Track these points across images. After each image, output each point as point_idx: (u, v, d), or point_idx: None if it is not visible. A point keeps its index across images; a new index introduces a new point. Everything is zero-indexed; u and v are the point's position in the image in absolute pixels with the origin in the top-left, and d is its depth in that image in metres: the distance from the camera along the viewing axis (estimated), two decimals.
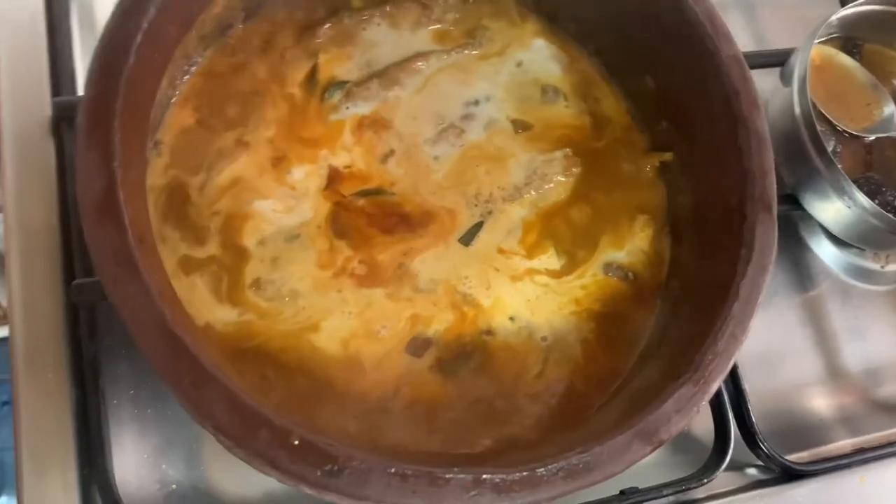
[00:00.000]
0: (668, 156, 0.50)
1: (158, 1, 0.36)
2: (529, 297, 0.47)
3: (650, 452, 0.36)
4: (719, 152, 0.43)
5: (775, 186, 0.42)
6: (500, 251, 0.48)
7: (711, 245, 0.44)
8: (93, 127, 0.33)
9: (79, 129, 0.34)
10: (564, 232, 0.49)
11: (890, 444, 0.61)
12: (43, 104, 0.52)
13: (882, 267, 0.67)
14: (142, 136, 0.39)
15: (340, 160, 0.48)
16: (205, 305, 0.43)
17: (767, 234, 0.40)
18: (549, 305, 0.47)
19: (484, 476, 0.33)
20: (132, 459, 0.48)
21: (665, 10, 0.44)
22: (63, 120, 0.51)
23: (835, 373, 0.64)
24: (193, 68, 0.46)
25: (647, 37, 0.47)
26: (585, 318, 0.47)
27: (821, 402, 0.63)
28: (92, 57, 0.35)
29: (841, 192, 0.56)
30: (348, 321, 0.45)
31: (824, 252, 0.66)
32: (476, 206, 0.49)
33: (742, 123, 0.42)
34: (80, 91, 0.53)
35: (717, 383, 0.38)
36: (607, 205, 0.50)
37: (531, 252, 0.48)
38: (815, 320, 0.65)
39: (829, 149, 0.60)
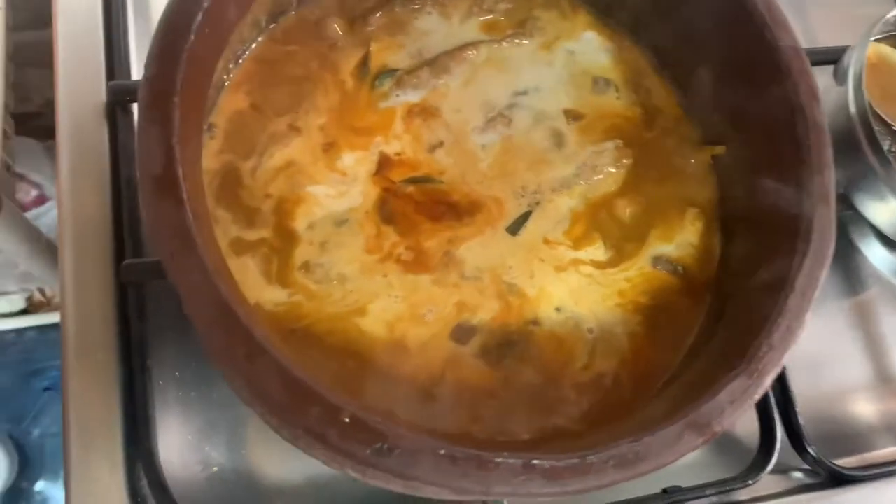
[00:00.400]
0: (720, 149, 0.49)
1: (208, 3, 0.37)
2: (575, 288, 0.46)
3: (702, 444, 0.35)
4: (776, 144, 0.42)
5: (834, 179, 0.41)
6: (547, 241, 0.47)
7: (766, 239, 0.43)
8: (154, 103, 0.34)
9: (140, 104, 0.34)
10: (613, 224, 0.48)
11: None
12: (98, 88, 0.53)
13: None
14: (199, 116, 0.39)
15: (391, 147, 0.48)
16: (256, 285, 0.43)
17: (825, 228, 0.39)
18: (595, 297, 0.46)
19: (534, 461, 0.33)
20: (176, 440, 0.48)
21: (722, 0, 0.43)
22: (118, 104, 0.52)
23: (884, 378, 0.62)
24: (247, 53, 0.47)
25: (703, 27, 0.46)
26: (633, 311, 0.46)
27: (869, 408, 0.61)
28: (154, 35, 0.36)
29: (893, 190, 0.55)
30: (394, 304, 0.45)
31: (875, 255, 0.65)
32: (524, 196, 0.48)
33: (801, 114, 0.41)
34: (135, 76, 0.53)
35: (772, 376, 0.37)
36: (657, 197, 0.49)
37: (578, 243, 0.48)
38: (865, 324, 0.63)
39: (885, 148, 0.59)
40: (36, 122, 1.10)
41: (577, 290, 0.46)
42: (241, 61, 0.46)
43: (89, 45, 0.53)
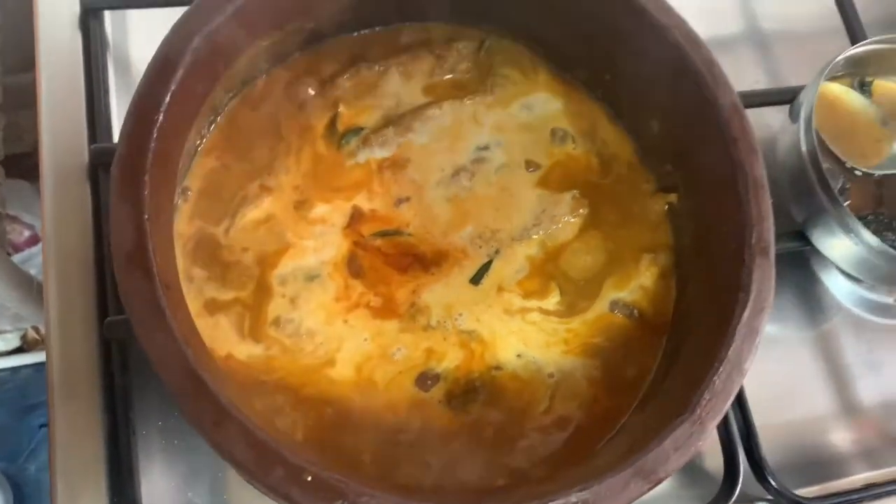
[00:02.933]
0: (672, 198, 0.51)
1: (186, 62, 0.39)
2: (535, 335, 0.49)
3: (648, 490, 0.37)
4: (719, 197, 0.45)
5: (773, 232, 0.43)
6: (508, 290, 0.50)
7: (713, 287, 0.45)
8: (124, 182, 0.36)
9: (112, 183, 0.37)
10: (570, 272, 0.50)
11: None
12: (81, 150, 0.55)
13: None
14: (171, 187, 0.42)
15: (360, 203, 0.51)
16: (229, 340, 0.46)
17: (764, 279, 0.42)
18: (555, 343, 0.49)
19: None
20: (160, 488, 0.51)
21: (666, 58, 0.46)
22: (99, 165, 0.54)
23: (849, 407, 0.64)
24: (219, 118, 0.49)
25: (651, 83, 0.48)
26: (591, 356, 0.48)
27: (835, 437, 0.63)
28: (125, 116, 0.38)
29: (847, 229, 0.57)
30: (363, 345, 0.47)
31: (837, 286, 0.67)
32: (484, 246, 0.51)
33: (740, 169, 0.43)
34: (116, 138, 0.56)
35: (715, 423, 0.39)
36: (614, 244, 0.51)
37: (537, 292, 0.50)
38: (829, 354, 0.65)
39: (838, 186, 0.61)
40: (28, 163, 1.12)
41: (540, 338, 0.49)
42: (213, 126, 0.48)
43: (71, 109, 0.56)
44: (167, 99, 0.38)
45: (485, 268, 0.50)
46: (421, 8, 0.52)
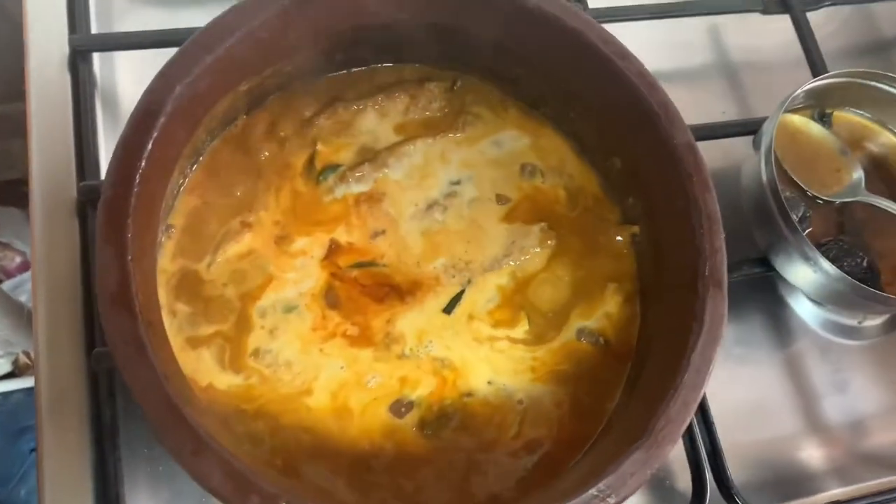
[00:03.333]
0: (634, 229, 0.54)
1: (167, 111, 0.41)
2: (505, 362, 0.51)
3: None
4: (676, 229, 0.47)
5: (725, 264, 0.46)
6: (479, 319, 0.52)
7: (671, 316, 0.47)
8: (109, 226, 0.38)
9: (97, 227, 0.39)
10: (538, 301, 0.53)
11: (871, 494, 0.63)
12: (69, 187, 0.57)
13: (859, 323, 0.70)
14: (154, 226, 0.44)
15: (337, 236, 0.53)
16: (210, 371, 0.48)
17: (717, 309, 0.44)
18: (523, 371, 0.51)
19: None
20: None
21: (625, 100, 0.49)
22: (87, 202, 0.56)
23: (816, 426, 0.67)
24: (201, 157, 0.51)
25: (612, 122, 0.51)
26: (559, 383, 0.50)
27: (802, 455, 0.65)
28: (109, 162, 0.41)
29: (806, 257, 0.60)
30: (339, 373, 0.49)
31: (803, 309, 0.70)
32: (457, 276, 0.53)
33: (694, 204, 0.46)
34: (104, 176, 0.58)
35: (670, 447, 0.42)
36: (581, 274, 0.54)
37: (506, 320, 0.52)
38: (796, 375, 0.68)
39: (800, 214, 0.64)
40: (20, 190, 1.14)
41: (509, 365, 0.51)
42: (195, 166, 0.51)
43: (60, 148, 0.58)
44: (149, 146, 0.40)
45: (457, 297, 0.52)
46: (396, 50, 0.55)
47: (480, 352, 0.51)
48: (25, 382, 1.20)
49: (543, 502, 0.40)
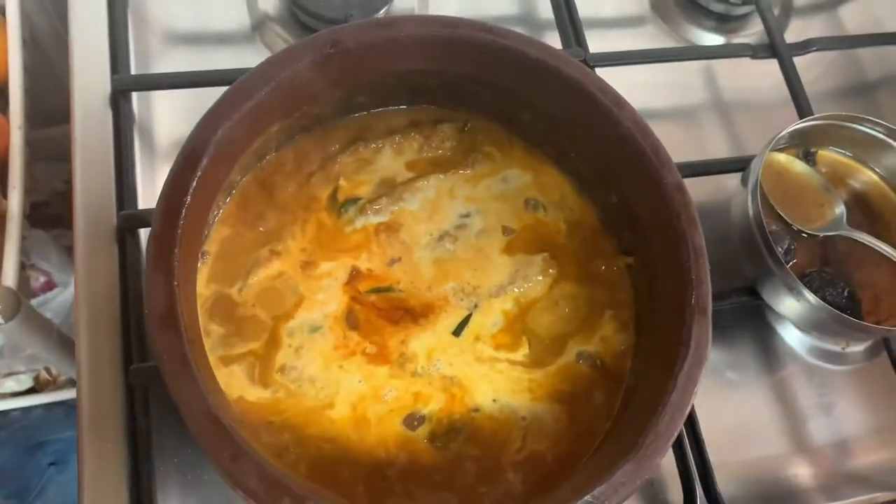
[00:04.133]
0: (630, 260, 0.58)
1: (210, 152, 0.46)
2: (505, 382, 0.55)
3: None
4: (666, 261, 0.52)
5: (710, 294, 0.50)
6: (483, 341, 0.57)
7: (662, 340, 0.52)
8: (158, 255, 0.43)
9: (147, 255, 0.44)
10: (539, 326, 0.57)
11: None
12: (110, 216, 0.62)
13: (843, 349, 0.74)
14: (195, 256, 0.49)
15: (359, 263, 0.58)
16: (240, 385, 0.52)
17: (702, 335, 0.48)
18: (521, 391, 0.55)
19: None
20: None
21: (620, 143, 0.53)
22: (126, 230, 0.61)
23: (802, 446, 0.71)
24: (234, 191, 0.56)
25: (609, 163, 0.56)
26: (558, 402, 0.55)
27: (789, 473, 0.69)
28: (158, 199, 0.45)
29: (790, 288, 0.64)
30: (358, 387, 0.54)
31: (790, 336, 0.74)
32: (465, 300, 0.58)
33: (682, 239, 0.50)
34: (141, 205, 0.63)
35: (658, 460, 0.46)
36: (580, 301, 0.58)
37: (509, 343, 0.57)
38: (784, 398, 0.72)
39: (785, 246, 0.68)
40: (44, 212, 1.19)
41: (512, 384, 0.55)
42: (229, 199, 0.56)
43: (102, 180, 0.63)
44: (194, 184, 0.45)
45: (465, 321, 0.57)
46: (411, 94, 0.60)
47: (484, 372, 0.55)
48: (45, 398, 1.24)
49: None
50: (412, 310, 0.57)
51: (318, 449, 0.51)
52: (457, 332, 0.56)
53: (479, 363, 0.56)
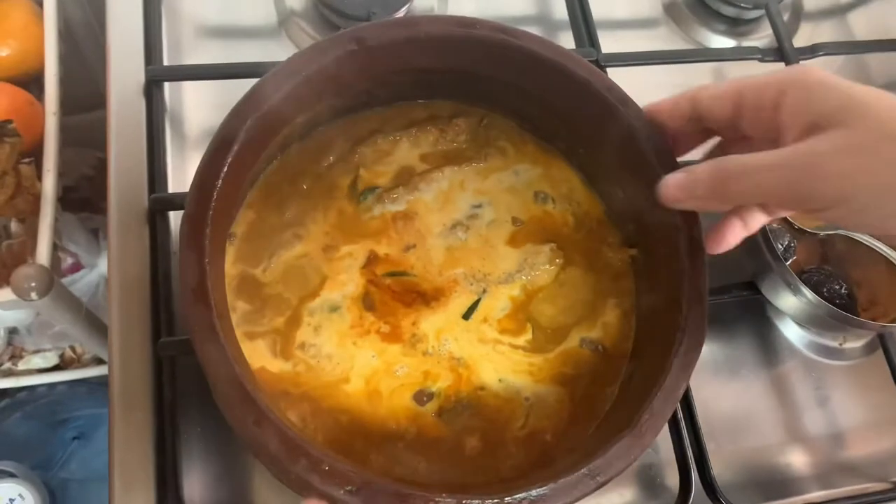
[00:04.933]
0: (633, 251, 0.61)
1: (241, 138, 0.50)
2: (512, 364, 0.58)
3: (595, 489, 0.47)
4: (667, 252, 0.55)
5: (707, 283, 0.53)
6: (491, 325, 0.60)
7: (661, 327, 0.54)
8: (191, 234, 0.47)
9: (181, 235, 0.47)
10: (544, 313, 0.60)
11: (846, 498, 0.70)
12: (141, 198, 0.66)
13: (840, 345, 0.77)
14: (224, 237, 0.53)
15: (377, 248, 0.61)
16: (263, 357, 0.56)
17: (697, 322, 0.51)
18: (529, 371, 0.58)
19: (464, 500, 0.44)
20: (198, 484, 0.60)
21: (624, 139, 0.56)
22: (157, 212, 0.65)
23: (798, 436, 0.73)
24: (259, 178, 0.60)
25: (614, 160, 0.59)
26: (560, 384, 0.58)
27: (784, 461, 0.72)
28: (191, 185, 0.49)
29: (788, 284, 0.67)
30: (371, 362, 0.57)
31: (789, 331, 0.76)
32: (475, 285, 0.61)
33: (683, 232, 0.53)
34: (171, 189, 0.67)
35: (652, 438, 0.49)
36: (584, 289, 0.61)
37: (514, 328, 0.60)
38: (781, 391, 0.75)
39: (785, 244, 0.71)
40: (71, 196, 1.23)
41: (516, 366, 0.58)
42: (254, 185, 0.59)
43: (134, 164, 0.67)
44: (224, 169, 0.48)
45: (474, 305, 0.60)
46: (430, 88, 0.63)
47: (489, 353, 0.59)
48: (70, 375, 1.29)
49: (541, 479, 0.47)
50: (424, 293, 0.60)
51: (335, 420, 0.54)
52: (466, 315, 0.60)
53: (485, 345, 0.59)
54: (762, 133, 0.48)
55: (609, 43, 0.79)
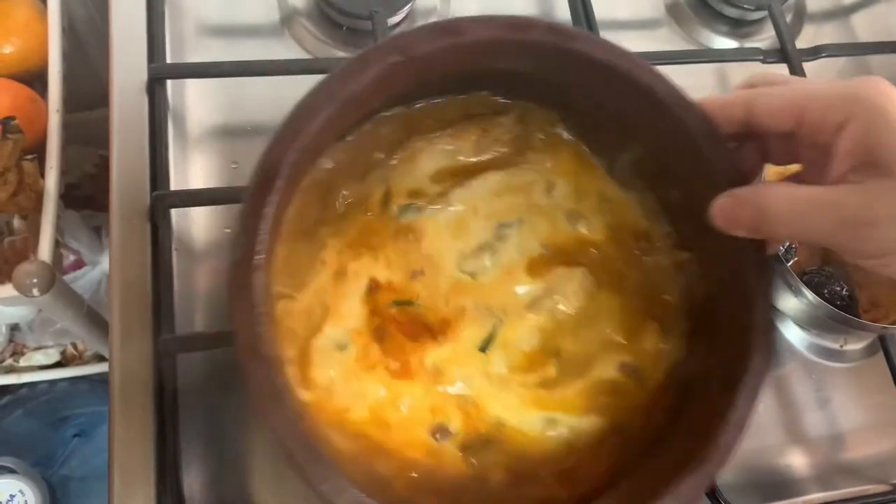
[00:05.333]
0: (686, 255, 0.56)
1: (280, 185, 0.45)
2: (535, 397, 0.53)
3: None
4: (727, 276, 0.50)
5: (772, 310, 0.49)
6: (508, 358, 0.54)
7: (719, 355, 0.50)
8: (239, 284, 0.44)
9: (229, 284, 0.44)
10: (571, 346, 0.54)
11: (845, 500, 0.70)
12: (143, 195, 0.65)
13: (841, 346, 0.76)
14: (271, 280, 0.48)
15: (381, 274, 0.55)
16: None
17: (766, 352, 0.47)
18: (553, 404, 0.53)
19: None
20: (197, 480, 0.60)
21: (684, 142, 0.50)
22: (158, 209, 0.65)
23: (798, 437, 0.73)
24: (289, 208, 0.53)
25: (671, 162, 0.53)
26: (596, 414, 0.52)
27: (784, 462, 0.72)
28: (234, 231, 0.45)
29: (789, 285, 0.67)
30: (376, 395, 0.52)
31: (790, 333, 0.76)
32: (492, 315, 0.55)
33: (746, 251, 0.48)
34: (173, 186, 0.66)
35: (719, 471, 0.46)
36: (620, 312, 0.55)
37: (535, 361, 0.54)
38: (782, 392, 0.74)
39: (786, 245, 0.71)
40: (74, 193, 1.23)
41: (539, 400, 0.53)
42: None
43: (137, 160, 0.65)
44: (272, 210, 0.45)
45: (490, 337, 0.54)
46: (469, 86, 0.57)
47: (507, 388, 0.53)
48: (71, 372, 1.29)
49: None
50: (431, 326, 0.55)
51: (356, 442, 0.51)
52: (482, 347, 0.54)
53: (501, 377, 0.54)
54: (811, 155, 0.45)
55: None
